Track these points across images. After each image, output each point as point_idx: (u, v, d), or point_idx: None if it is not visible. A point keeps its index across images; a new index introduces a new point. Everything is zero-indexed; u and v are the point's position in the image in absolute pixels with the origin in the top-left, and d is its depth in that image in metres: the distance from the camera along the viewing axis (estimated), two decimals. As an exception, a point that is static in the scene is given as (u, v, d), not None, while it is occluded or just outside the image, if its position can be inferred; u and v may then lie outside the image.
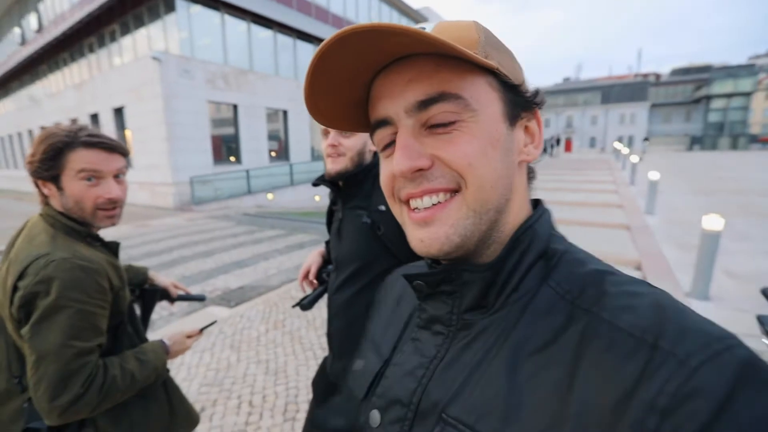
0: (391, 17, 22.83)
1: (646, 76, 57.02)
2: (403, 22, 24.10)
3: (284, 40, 15.86)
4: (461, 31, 0.35)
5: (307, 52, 16.94)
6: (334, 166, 1.07)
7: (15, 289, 0.81)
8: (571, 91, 52.55)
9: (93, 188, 0.91)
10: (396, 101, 0.35)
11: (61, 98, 16.10)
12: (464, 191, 0.34)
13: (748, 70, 44.62)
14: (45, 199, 0.94)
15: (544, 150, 25.95)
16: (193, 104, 11.68)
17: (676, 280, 3.78)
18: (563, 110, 51.58)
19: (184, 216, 10.00)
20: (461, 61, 0.33)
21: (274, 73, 15.27)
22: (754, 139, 39.40)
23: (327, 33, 17.20)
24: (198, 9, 12.67)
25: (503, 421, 0.30)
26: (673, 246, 4.97)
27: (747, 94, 43.62)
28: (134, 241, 6.89)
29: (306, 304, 1.22)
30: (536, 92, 0.39)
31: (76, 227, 0.92)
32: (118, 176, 0.96)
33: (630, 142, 45.72)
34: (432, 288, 0.38)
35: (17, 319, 0.81)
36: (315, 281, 1.32)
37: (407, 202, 0.37)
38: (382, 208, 1.03)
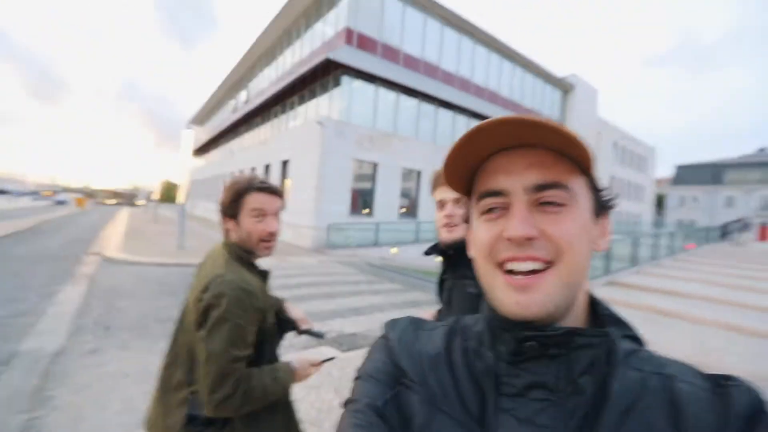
0: (535, 86, 22.81)
1: None
2: (548, 89, 23.78)
3: (426, 108, 17.27)
4: (579, 140, 0.40)
5: (446, 119, 18.00)
6: (450, 235, 1.10)
7: (200, 299, 1.01)
8: None
9: (260, 224, 1.12)
10: (515, 179, 0.40)
11: (249, 152, 20.52)
12: (559, 265, 0.39)
13: None
14: (227, 233, 1.17)
15: (723, 235, 20.88)
16: (342, 161, 13.42)
17: None
18: (756, 188, 41.13)
19: (317, 257, 11.14)
20: (570, 161, 0.41)
21: (414, 137, 16.57)
22: None
23: (469, 102, 18.13)
24: (358, 83, 14.97)
25: None
26: None
27: None
28: (275, 273, 7.91)
29: None
30: (612, 197, 0.48)
31: (244, 255, 1.12)
32: (276, 215, 1.17)
33: None
34: (542, 350, 0.39)
35: (199, 322, 1.00)
36: None
37: (502, 265, 0.40)
38: None
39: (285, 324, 1.40)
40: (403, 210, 15.98)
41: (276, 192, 1.15)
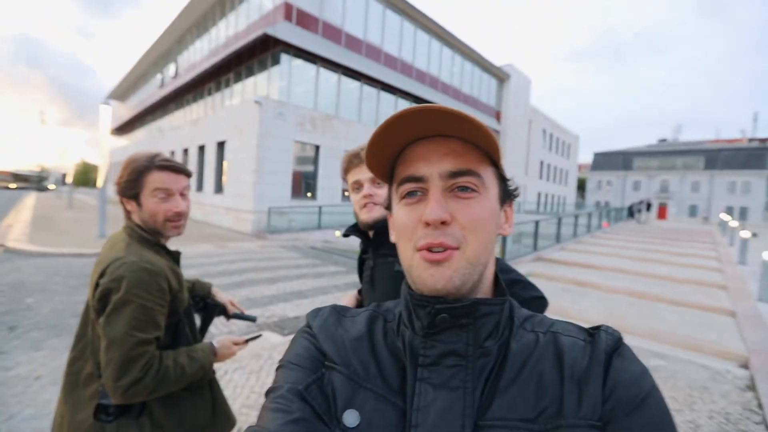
0: (473, 74, 23.60)
1: (764, 141, 50.28)
2: (485, 77, 24.74)
3: (369, 90, 17.16)
4: (489, 132, 0.45)
5: (389, 102, 18.05)
6: (370, 215, 1.10)
7: (97, 285, 0.97)
8: (667, 154, 48.10)
9: (164, 204, 1.07)
10: (432, 166, 0.44)
11: (180, 131, 18.97)
12: (464, 248, 0.43)
13: None
14: (128, 214, 1.11)
15: (630, 214, 23.67)
16: (282, 143, 12.96)
17: (799, 388, 3.05)
18: (657, 174, 47.21)
19: (258, 242, 10.78)
20: (481, 151, 0.46)
21: (357, 120, 16.44)
22: None
23: (411, 87, 18.29)
24: (298, 62, 14.40)
25: (533, 402, 0.41)
26: (796, 344, 4.07)
27: None
28: (213, 260, 7.56)
29: None
30: (515, 187, 0.53)
31: (148, 237, 1.08)
32: (183, 194, 1.12)
33: (743, 215, 39.90)
34: (453, 321, 0.43)
35: (97, 310, 0.96)
36: None
37: (421, 251, 0.44)
38: None
39: (212, 308, 1.40)
40: (346, 193, 15.89)
41: (181, 170, 1.11)
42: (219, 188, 14.83)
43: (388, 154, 0.47)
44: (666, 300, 5.62)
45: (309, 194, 14.51)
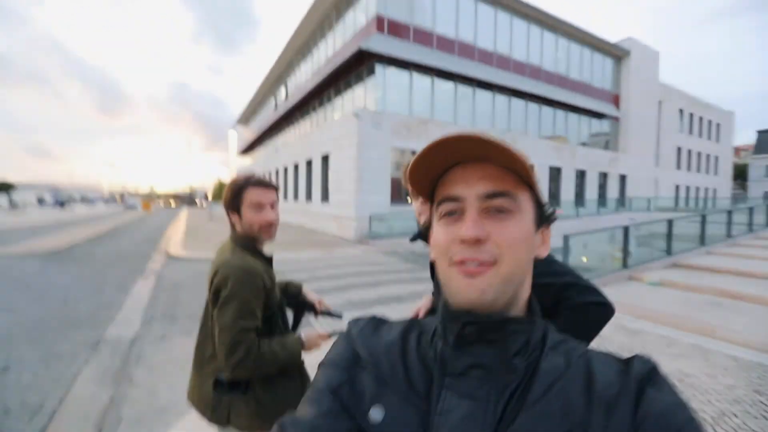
0: (582, 56, 21.28)
1: None
2: (597, 58, 22.09)
3: (464, 90, 16.77)
4: (523, 158, 0.46)
5: (485, 100, 17.37)
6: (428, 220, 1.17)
7: (211, 283, 1.19)
8: None
9: (258, 215, 1.27)
10: (470, 188, 0.47)
11: (292, 147, 21.20)
12: (500, 265, 0.45)
13: None
14: (233, 225, 1.33)
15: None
16: (380, 151, 13.48)
17: None
18: None
19: (361, 248, 11.38)
20: (517, 176, 0.47)
21: (453, 122, 16.21)
22: None
23: (508, 80, 17.33)
24: (392, 70, 14.84)
25: (558, 423, 0.41)
26: None
27: None
28: (320, 264, 8.23)
29: None
30: (552, 211, 0.54)
31: (248, 243, 1.29)
32: (272, 206, 1.31)
33: None
34: (478, 335, 0.45)
35: (212, 302, 1.19)
36: None
37: (457, 265, 0.46)
38: None
39: (303, 305, 1.57)
40: (445, 196, 15.77)
41: (269, 185, 1.29)
42: (325, 197, 16.10)
43: (430, 176, 0.50)
44: None
45: (408, 200, 14.79)
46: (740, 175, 43.99)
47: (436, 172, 0.50)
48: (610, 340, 3.86)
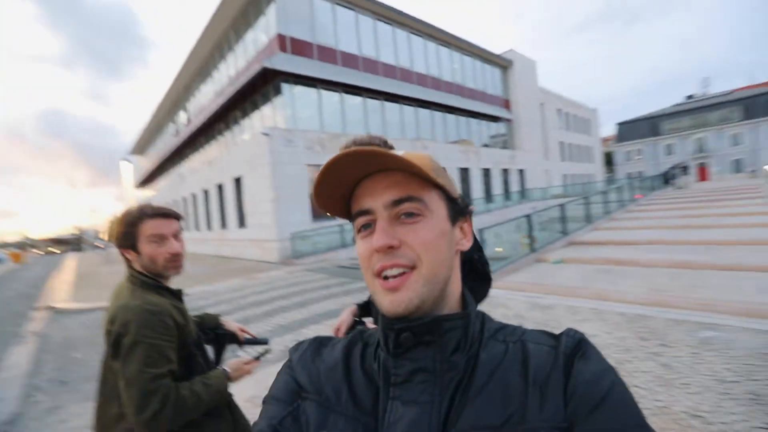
0: (474, 67, 23.43)
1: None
2: (487, 69, 24.49)
3: (373, 103, 17.31)
4: (423, 161, 0.48)
5: (394, 111, 18.14)
6: None
7: (109, 332, 1.06)
8: (699, 110, 44.30)
9: (161, 248, 1.16)
10: (377, 199, 0.47)
11: (199, 173, 19.72)
12: (420, 268, 0.45)
13: None
14: (128, 263, 1.18)
15: (666, 181, 22.38)
16: (295, 169, 13.21)
17: None
18: (690, 133, 43.94)
19: (285, 269, 10.93)
20: (421, 179, 0.47)
21: (365, 134, 16.56)
22: None
23: (413, 92, 18.33)
24: (299, 88, 14.74)
25: (500, 410, 0.42)
26: None
27: None
28: (243, 293, 7.70)
29: None
30: (467, 204, 0.54)
31: (148, 281, 1.16)
32: (176, 236, 1.20)
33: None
34: (416, 339, 0.45)
35: (113, 354, 1.05)
36: None
37: (379, 275, 0.46)
38: None
39: (223, 337, 1.44)
40: (367, 207, 15.98)
41: (171, 215, 1.20)
42: (242, 222, 15.22)
43: (339, 194, 0.50)
44: (716, 266, 5.24)
45: (329, 214, 14.66)
46: (609, 161, 52.09)
47: (343, 189, 0.49)
48: (527, 317, 4.23)
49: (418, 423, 0.43)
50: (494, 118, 25.14)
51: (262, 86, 15.00)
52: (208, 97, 20.37)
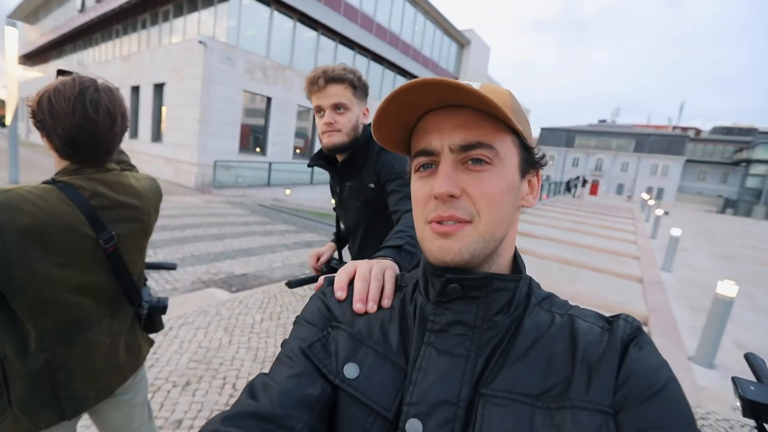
0: (435, 36, 23.13)
1: (685, 129, 55.67)
2: (446, 41, 24.38)
3: (326, 42, 16.24)
4: (502, 98, 0.44)
5: (347, 57, 17.27)
6: (330, 140, 1.17)
7: None
8: (604, 134, 51.49)
9: None
10: (444, 138, 0.43)
11: (108, 67, 16.79)
12: (477, 223, 0.43)
13: (796, 139, 43.29)
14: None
15: (568, 189, 25.55)
16: (230, 91, 12.03)
17: (681, 341, 3.66)
18: (594, 152, 50.70)
19: (202, 197, 10.22)
20: (498, 120, 0.43)
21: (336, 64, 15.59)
22: (794, 212, 37.66)
23: (369, 41, 17.56)
24: (249, 1, 13.13)
25: (540, 380, 0.41)
26: (684, 306, 4.82)
27: (791, 164, 42.10)
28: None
29: (293, 282, 1.22)
30: (542, 155, 0.50)
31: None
32: None
33: (659, 195, 44.65)
34: (463, 292, 0.44)
35: None
36: (318, 269, 1.43)
37: (432, 223, 0.44)
38: (372, 185, 1.21)
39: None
40: (299, 150, 15.41)
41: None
42: (157, 136, 13.62)
43: (402, 126, 0.46)
44: (589, 267, 6.30)
45: (258, 149, 13.83)
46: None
47: (406, 121, 0.46)
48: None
49: (451, 374, 0.42)
50: (442, 93, 25.43)
51: (205, -15, 13.02)
52: (132, -23, 17.01)
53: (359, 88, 1.20)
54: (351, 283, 0.55)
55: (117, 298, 1.00)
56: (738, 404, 0.85)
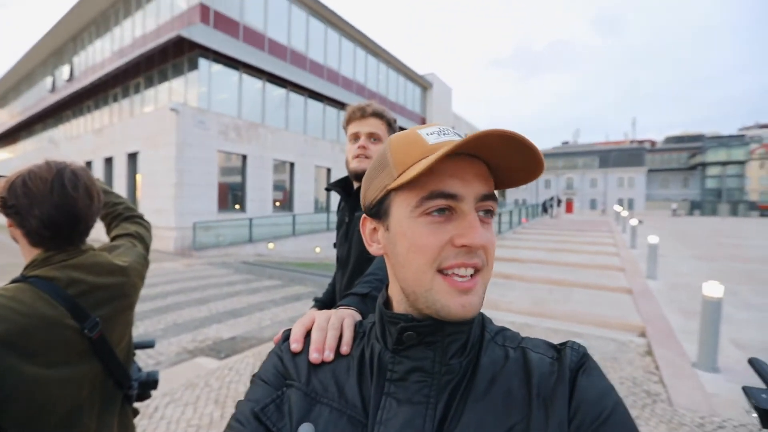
0: (398, 82, 24.40)
1: (641, 142, 59.34)
2: (409, 86, 25.69)
3: (296, 97, 16.86)
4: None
5: (317, 109, 17.90)
6: (360, 164, 1.21)
7: None
8: (570, 155, 54.41)
9: None
10: (467, 187, 0.42)
11: (80, 141, 16.82)
12: (484, 270, 0.43)
13: (739, 140, 46.72)
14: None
15: (544, 210, 26.27)
16: (205, 153, 12.15)
17: (682, 349, 3.65)
18: (563, 172, 53.14)
19: (183, 261, 9.95)
20: (492, 175, 0.46)
21: (285, 128, 16.02)
22: (753, 206, 39.80)
23: (337, 93, 18.34)
24: (219, 68, 13.66)
25: (502, 420, 0.41)
26: (676, 312, 4.86)
27: (741, 163, 45.06)
28: (130, 285, 6.80)
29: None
30: None
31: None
32: None
33: (630, 205, 46.41)
34: (419, 339, 0.44)
35: None
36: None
37: (444, 271, 0.42)
38: None
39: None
40: (278, 203, 15.43)
41: None
42: (132, 204, 13.39)
43: (412, 160, 0.44)
44: (578, 285, 6.34)
45: (237, 206, 13.78)
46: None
47: (421, 157, 0.43)
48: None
49: (412, 423, 0.42)
50: (412, 133, 26.43)
51: (175, 56, 13.53)
52: (103, 54, 17.56)
53: (392, 128, 1.29)
54: (308, 335, 0.52)
55: (106, 382, 0.95)
56: (755, 415, 0.85)
